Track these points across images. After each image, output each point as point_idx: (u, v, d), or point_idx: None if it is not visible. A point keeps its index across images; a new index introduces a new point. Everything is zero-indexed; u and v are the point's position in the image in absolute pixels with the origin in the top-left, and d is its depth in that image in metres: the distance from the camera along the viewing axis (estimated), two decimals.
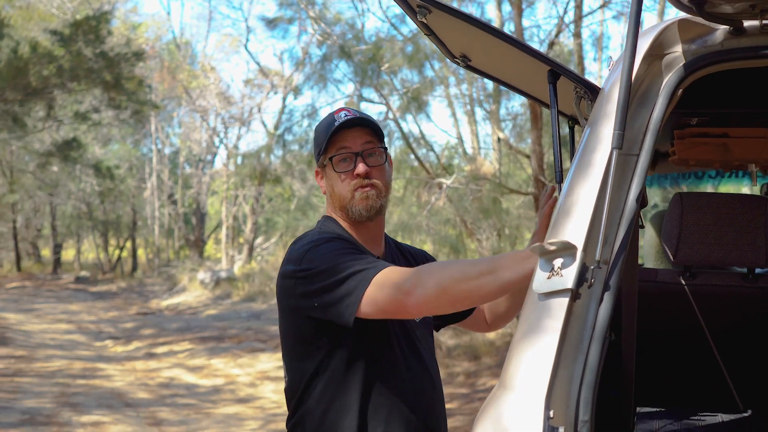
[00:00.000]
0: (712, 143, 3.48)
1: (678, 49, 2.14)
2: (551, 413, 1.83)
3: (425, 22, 2.35)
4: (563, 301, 1.89)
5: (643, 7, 1.96)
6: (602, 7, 13.77)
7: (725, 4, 2.01)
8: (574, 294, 1.89)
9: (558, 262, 1.92)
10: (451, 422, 9.35)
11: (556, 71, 2.28)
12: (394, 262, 2.70)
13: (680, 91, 2.10)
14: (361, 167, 2.56)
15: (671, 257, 3.36)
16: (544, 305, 1.92)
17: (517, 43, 2.25)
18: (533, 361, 1.88)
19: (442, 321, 2.90)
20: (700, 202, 3.37)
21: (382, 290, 2.30)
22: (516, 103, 15.21)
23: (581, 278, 1.90)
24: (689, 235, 3.34)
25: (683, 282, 3.50)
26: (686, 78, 2.09)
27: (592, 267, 1.92)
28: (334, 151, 2.57)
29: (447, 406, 10.75)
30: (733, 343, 3.57)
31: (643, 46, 2.13)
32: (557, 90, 2.36)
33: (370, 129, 2.60)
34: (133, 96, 18.08)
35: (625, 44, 1.89)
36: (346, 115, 2.59)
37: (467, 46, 2.62)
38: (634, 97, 2.08)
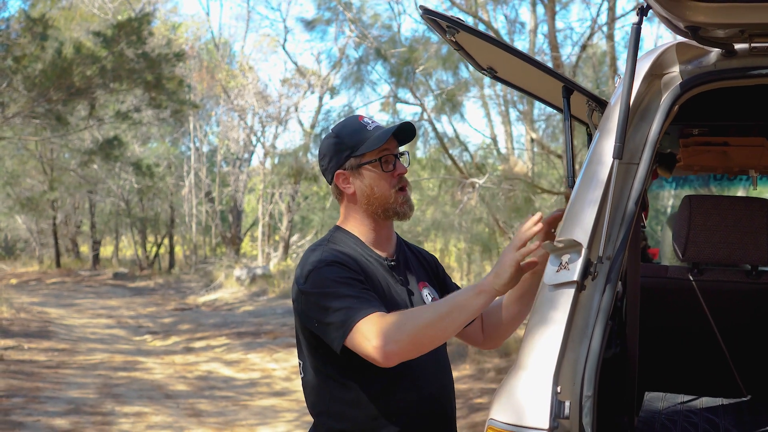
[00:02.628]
0: (713, 151, 3.73)
1: (675, 70, 2.39)
2: (559, 389, 2.10)
3: (454, 40, 2.60)
4: (570, 292, 2.17)
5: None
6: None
7: (717, 29, 2.26)
8: (580, 285, 2.17)
9: (566, 257, 2.19)
10: (481, 416, 9.56)
11: (569, 87, 2.53)
12: (405, 261, 2.90)
13: (676, 107, 2.35)
14: (402, 167, 2.79)
15: (680, 255, 3.61)
16: (553, 295, 2.19)
17: (534, 62, 2.51)
18: (543, 344, 2.15)
19: None
20: (707, 204, 3.61)
21: (362, 340, 2.51)
22: None
23: (586, 272, 2.18)
24: (697, 234, 3.59)
25: (691, 278, 3.75)
26: (682, 96, 2.34)
27: (595, 262, 2.19)
28: (377, 153, 2.77)
29: (477, 401, 10.80)
30: (737, 334, 3.81)
31: (645, 66, 2.38)
32: (577, 101, 2.61)
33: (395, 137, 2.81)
34: (173, 96, 18.41)
35: (626, 67, 2.14)
36: (374, 122, 2.82)
37: (493, 60, 2.87)
38: (636, 112, 2.33)
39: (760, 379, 3.83)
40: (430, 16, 2.45)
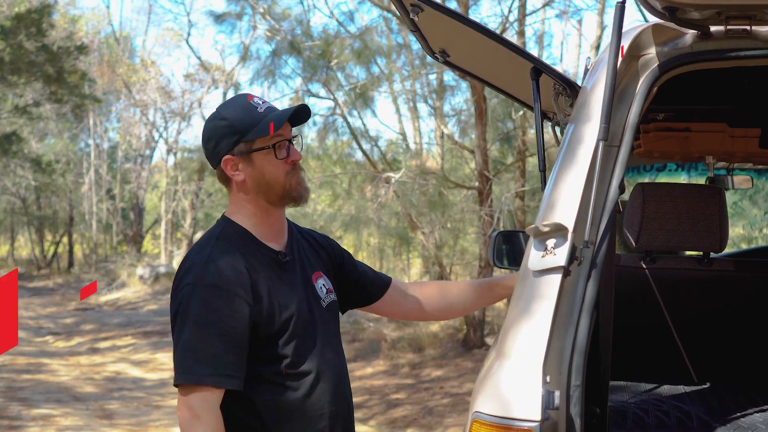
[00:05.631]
0: (675, 137, 3.74)
1: (652, 51, 2.36)
2: (548, 379, 2.02)
3: (415, 20, 2.53)
4: (556, 278, 2.10)
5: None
6: (545, 6, 14.07)
7: (694, 11, 2.23)
8: (566, 271, 2.10)
9: (551, 242, 2.12)
10: (399, 411, 9.54)
11: (538, 68, 2.47)
12: (300, 252, 2.75)
13: (655, 89, 2.32)
14: (296, 153, 2.64)
15: (633, 243, 3.62)
16: (539, 281, 2.12)
17: (504, 41, 2.44)
18: (530, 332, 2.07)
19: (345, 304, 2.97)
20: (660, 192, 3.63)
21: (183, 409, 2.42)
22: (460, 99, 15.46)
23: (572, 257, 2.11)
24: (650, 222, 3.60)
25: (644, 266, 3.77)
26: (660, 77, 2.31)
27: (581, 246, 2.13)
28: (270, 140, 2.60)
29: (394, 396, 10.75)
30: (690, 321, 3.84)
31: (622, 47, 2.34)
32: (524, 85, 2.56)
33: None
34: (74, 90, 17.93)
35: (609, 48, 2.09)
36: (265, 102, 2.65)
37: (449, 43, 2.81)
38: (614, 94, 2.29)
39: (713, 366, 3.87)
40: None
